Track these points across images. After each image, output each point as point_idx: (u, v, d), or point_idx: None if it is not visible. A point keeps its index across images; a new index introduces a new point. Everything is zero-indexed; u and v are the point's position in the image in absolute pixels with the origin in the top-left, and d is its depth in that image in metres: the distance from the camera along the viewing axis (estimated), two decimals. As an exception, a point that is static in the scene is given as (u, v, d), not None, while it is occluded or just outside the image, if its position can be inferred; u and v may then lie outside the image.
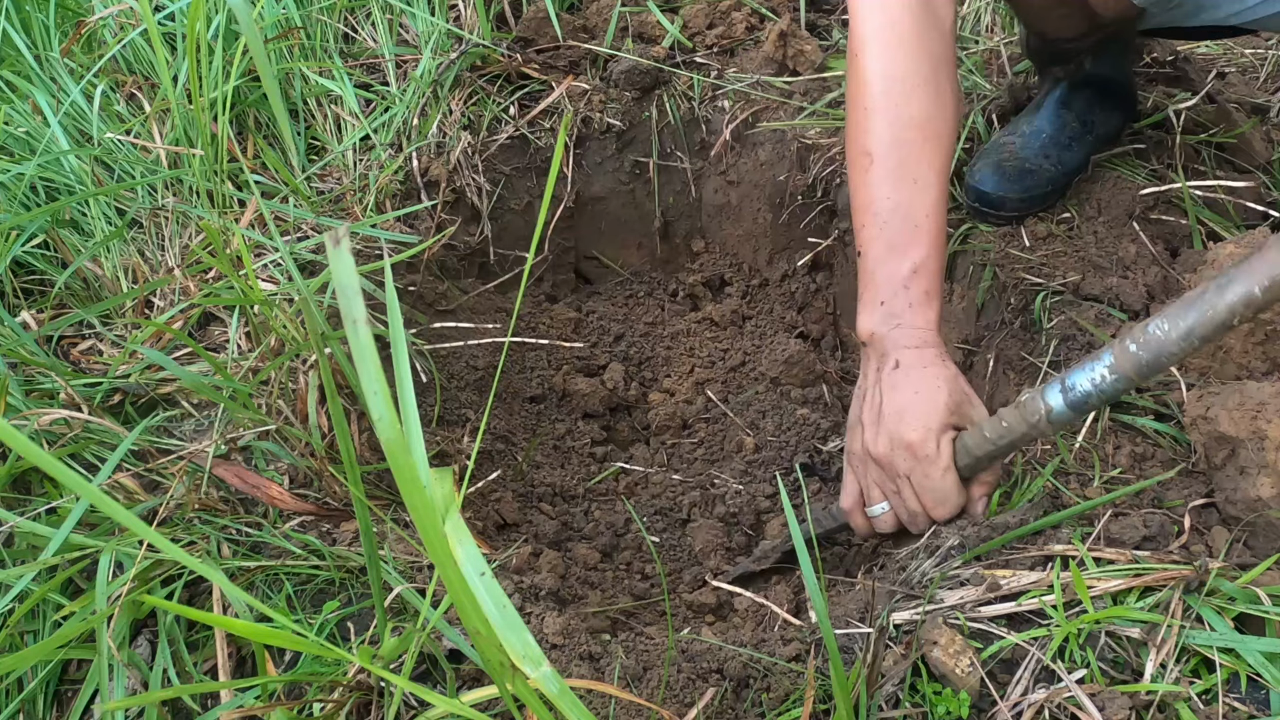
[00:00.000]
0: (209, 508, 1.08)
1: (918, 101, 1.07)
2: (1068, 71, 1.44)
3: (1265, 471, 0.93)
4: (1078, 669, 0.83)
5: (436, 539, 0.54)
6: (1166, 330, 0.84)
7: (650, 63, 1.80)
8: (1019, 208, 1.40)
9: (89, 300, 1.41)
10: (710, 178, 1.87)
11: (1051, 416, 0.93)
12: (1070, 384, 0.92)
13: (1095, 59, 1.41)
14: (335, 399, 0.86)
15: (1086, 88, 1.43)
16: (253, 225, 1.43)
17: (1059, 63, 1.45)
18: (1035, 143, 1.41)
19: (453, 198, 1.68)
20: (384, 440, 0.51)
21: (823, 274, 1.81)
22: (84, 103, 1.56)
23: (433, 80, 1.72)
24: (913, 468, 1.01)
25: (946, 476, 1.00)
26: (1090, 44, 1.38)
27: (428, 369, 1.41)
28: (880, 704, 0.84)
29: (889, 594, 0.95)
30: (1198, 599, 0.85)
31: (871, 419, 1.05)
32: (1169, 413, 1.09)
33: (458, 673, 0.91)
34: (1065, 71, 1.44)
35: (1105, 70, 1.42)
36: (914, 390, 1.02)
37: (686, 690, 0.88)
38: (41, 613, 1.00)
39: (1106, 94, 1.44)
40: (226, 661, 0.95)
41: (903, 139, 1.07)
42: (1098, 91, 1.43)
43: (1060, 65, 1.45)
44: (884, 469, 1.05)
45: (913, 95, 1.07)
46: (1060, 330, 1.23)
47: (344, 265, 0.48)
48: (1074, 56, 1.42)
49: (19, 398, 1.16)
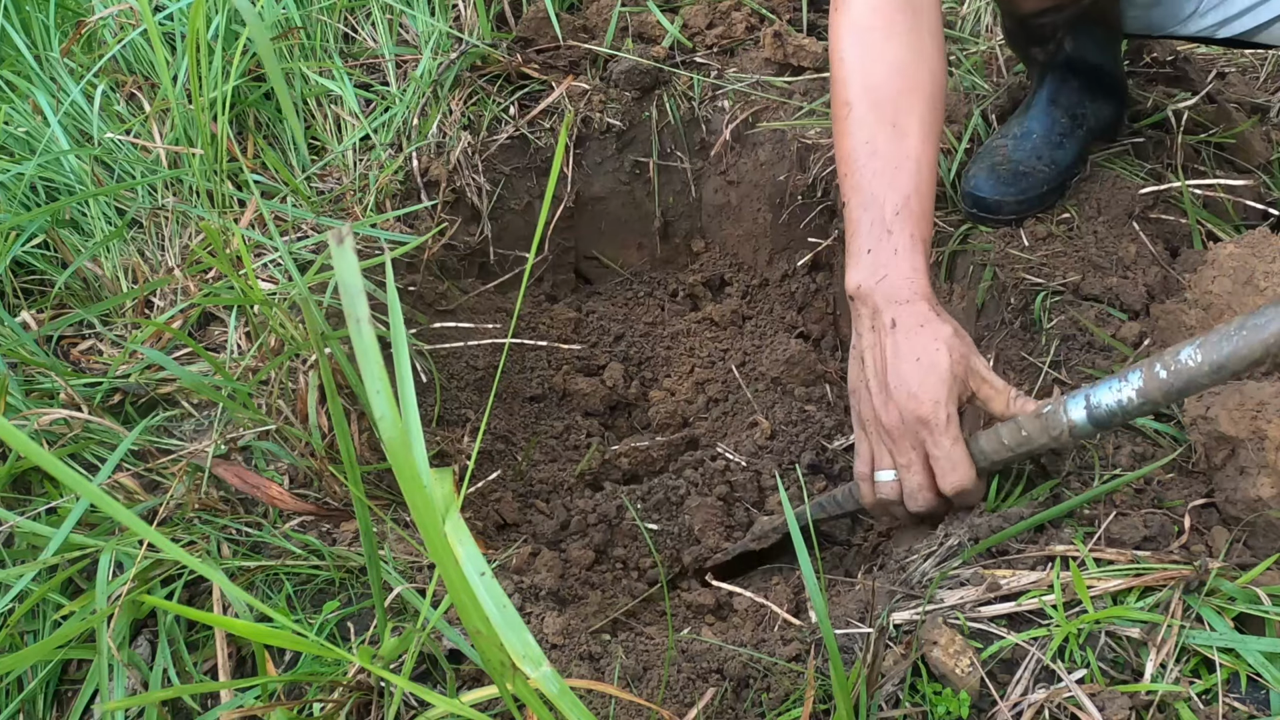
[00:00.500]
0: (209, 508, 1.08)
1: (894, 50, 1.08)
2: (1047, 53, 1.42)
3: (1265, 471, 0.93)
4: (1078, 669, 0.83)
5: (437, 539, 0.54)
6: (1199, 361, 0.83)
7: (650, 63, 1.80)
8: (1016, 210, 1.40)
9: (89, 300, 1.41)
10: (710, 178, 1.87)
11: (1074, 431, 0.93)
12: (1095, 401, 0.92)
13: (1075, 39, 1.39)
14: (335, 399, 0.86)
15: (1073, 78, 1.41)
16: (252, 225, 1.43)
17: (1037, 43, 1.43)
18: (1026, 144, 1.40)
19: (453, 198, 1.68)
20: (385, 439, 0.51)
21: (823, 274, 1.80)
22: (84, 102, 1.56)
23: (433, 80, 1.72)
24: (925, 437, 0.99)
25: (956, 446, 0.98)
26: (1065, 19, 1.36)
27: (428, 369, 1.41)
28: (880, 704, 0.84)
29: (889, 594, 0.95)
30: (1198, 599, 0.85)
31: (878, 387, 1.03)
32: (1169, 413, 1.09)
33: (458, 673, 0.91)
34: (1045, 53, 1.42)
35: (1088, 54, 1.40)
36: (915, 357, 1.00)
37: (686, 690, 0.88)
38: (41, 612, 1.00)
39: (1094, 84, 1.42)
40: (226, 661, 0.95)
41: (879, 85, 1.07)
42: (1085, 82, 1.41)
43: (1039, 46, 1.43)
44: (894, 440, 1.03)
45: (890, 43, 1.08)
46: (1060, 330, 1.23)
47: (347, 264, 0.48)
48: (1051, 35, 1.40)
49: (19, 398, 1.16)
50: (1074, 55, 1.41)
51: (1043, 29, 1.40)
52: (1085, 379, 1.16)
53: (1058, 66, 1.42)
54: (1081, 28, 1.38)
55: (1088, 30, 1.39)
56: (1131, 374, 0.90)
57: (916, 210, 1.04)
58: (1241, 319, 0.81)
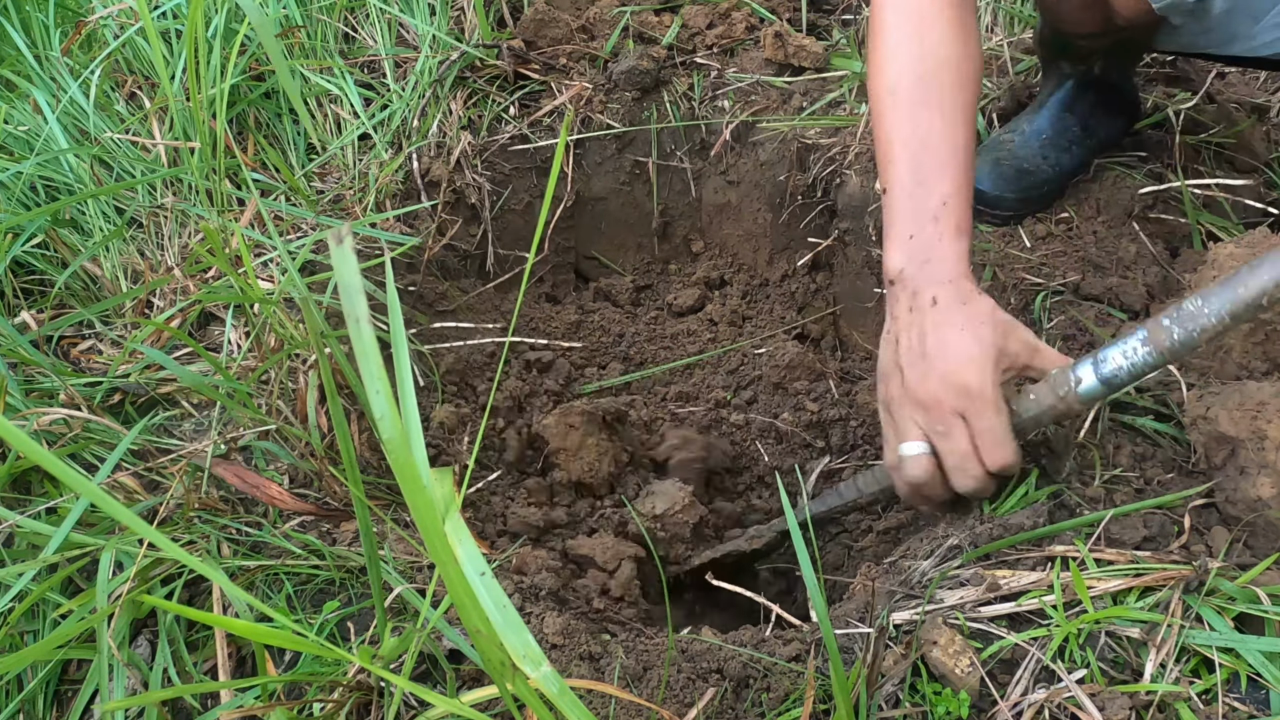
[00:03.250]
0: (209, 507, 1.08)
1: (947, 42, 1.06)
2: (1076, 70, 1.42)
3: (1265, 471, 0.93)
4: (1078, 669, 0.83)
5: (437, 539, 0.54)
6: (1200, 306, 0.84)
7: (650, 63, 1.80)
8: (1015, 207, 1.39)
9: (89, 300, 1.41)
10: (710, 178, 1.87)
11: (1081, 389, 0.92)
12: (1102, 357, 0.91)
13: (1105, 61, 1.39)
14: (335, 399, 0.86)
15: (1091, 92, 1.42)
16: (252, 225, 1.43)
17: (1070, 59, 1.43)
18: (1035, 143, 1.40)
19: (453, 198, 1.68)
20: (385, 439, 0.51)
21: (823, 274, 1.80)
22: (84, 101, 1.56)
23: (433, 80, 1.72)
24: (967, 406, 0.95)
25: (1001, 418, 0.94)
26: (1104, 44, 1.36)
27: (427, 370, 1.41)
28: (880, 704, 0.84)
29: (889, 594, 0.95)
30: (1198, 599, 0.85)
31: (913, 359, 0.99)
32: (1169, 413, 1.09)
33: (458, 673, 0.91)
34: (1074, 69, 1.42)
35: (1112, 76, 1.41)
36: (959, 327, 0.96)
37: (686, 690, 0.88)
38: (41, 612, 1.00)
39: (1110, 100, 1.42)
40: (226, 661, 0.95)
41: (930, 74, 1.05)
42: (1102, 97, 1.42)
43: (1070, 62, 1.43)
44: (930, 411, 0.97)
45: (941, 33, 1.06)
46: (1060, 330, 1.23)
47: (346, 263, 0.48)
48: (1087, 56, 1.40)
49: (19, 398, 1.16)
50: (1100, 76, 1.41)
51: (1081, 50, 1.39)
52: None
53: (1080, 81, 1.42)
54: (1116, 51, 1.38)
55: (1120, 53, 1.39)
56: (1138, 330, 0.89)
57: (963, 203, 1.03)
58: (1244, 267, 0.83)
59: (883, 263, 1.05)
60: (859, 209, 1.61)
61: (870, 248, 1.61)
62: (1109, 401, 1.09)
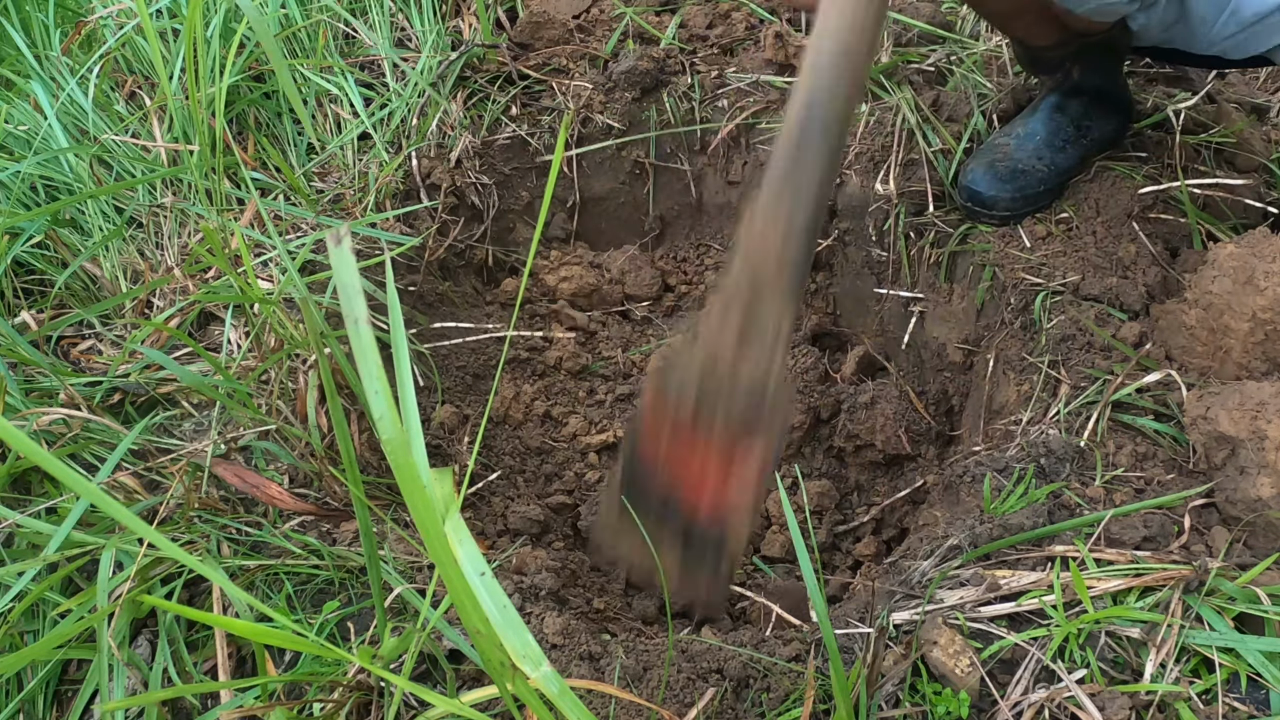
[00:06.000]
0: (209, 507, 1.08)
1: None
2: (1056, 81, 1.43)
3: (1265, 471, 0.93)
4: (1078, 669, 0.83)
5: (437, 539, 0.54)
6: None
7: (650, 63, 1.80)
8: (1011, 208, 1.40)
9: (89, 300, 1.41)
10: (710, 178, 1.87)
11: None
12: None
13: (1084, 69, 1.40)
14: (335, 399, 0.86)
15: (1080, 95, 1.42)
16: (252, 224, 1.43)
17: (1046, 72, 1.45)
18: (1029, 144, 1.41)
19: (453, 198, 1.68)
20: (385, 440, 0.51)
21: (823, 274, 1.80)
22: (83, 100, 1.56)
23: (433, 80, 1.72)
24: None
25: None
26: (1071, 52, 1.37)
27: (427, 370, 1.41)
28: (880, 704, 0.84)
29: (889, 594, 0.95)
30: (1198, 599, 0.85)
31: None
32: (1169, 413, 1.09)
33: (458, 673, 0.91)
34: (1054, 81, 1.43)
35: (1096, 80, 1.41)
36: None
37: (686, 690, 0.88)
38: (41, 612, 1.00)
39: (1100, 102, 1.43)
40: (226, 661, 0.95)
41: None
42: (1091, 99, 1.42)
43: (1048, 74, 1.44)
44: None
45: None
46: (1060, 330, 1.23)
47: (345, 264, 0.48)
48: (1059, 65, 1.41)
49: (19, 398, 1.16)
50: (1081, 82, 1.41)
51: (1050, 61, 1.41)
52: (1085, 379, 1.16)
53: (1065, 89, 1.43)
54: (1088, 57, 1.39)
55: (1094, 58, 1.40)
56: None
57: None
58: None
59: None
60: (859, 209, 1.61)
61: (870, 248, 1.61)
62: (1109, 402, 1.09)
